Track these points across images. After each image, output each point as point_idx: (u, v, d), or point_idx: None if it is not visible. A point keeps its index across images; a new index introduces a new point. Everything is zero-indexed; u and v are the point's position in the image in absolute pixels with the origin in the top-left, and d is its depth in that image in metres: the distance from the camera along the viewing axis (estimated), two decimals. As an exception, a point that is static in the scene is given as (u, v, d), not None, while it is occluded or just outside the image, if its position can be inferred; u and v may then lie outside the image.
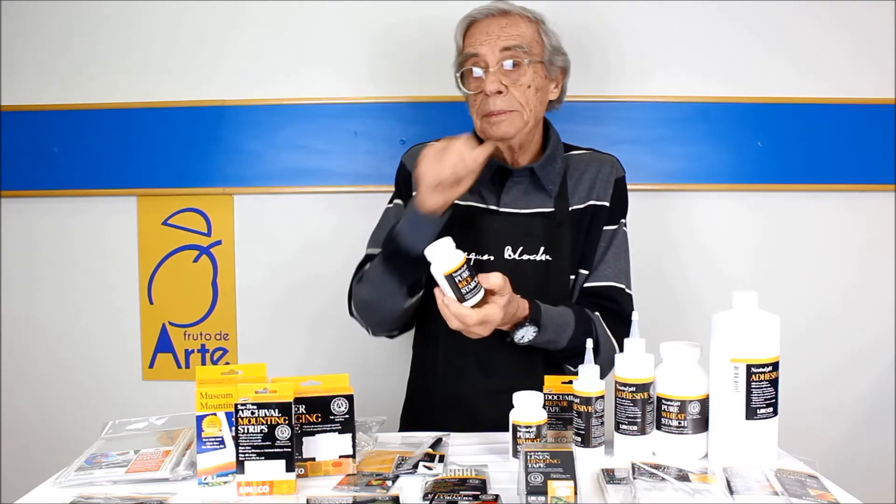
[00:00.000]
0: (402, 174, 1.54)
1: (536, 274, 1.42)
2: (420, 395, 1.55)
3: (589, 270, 1.50)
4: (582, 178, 1.50)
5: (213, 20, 1.94)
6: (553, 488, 0.96)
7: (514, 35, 1.40)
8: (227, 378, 1.13)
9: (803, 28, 1.91)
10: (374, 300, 1.44)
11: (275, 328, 1.99)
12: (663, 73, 1.92)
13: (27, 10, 1.95)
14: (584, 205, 1.49)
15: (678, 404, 1.16)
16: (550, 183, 1.47)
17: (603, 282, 1.49)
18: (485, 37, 1.41)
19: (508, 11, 1.43)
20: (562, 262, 1.46)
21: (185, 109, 1.94)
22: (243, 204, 1.98)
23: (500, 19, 1.41)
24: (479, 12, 1.43)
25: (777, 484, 1.05)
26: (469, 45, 1.42)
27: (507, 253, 1.44)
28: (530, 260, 1.44)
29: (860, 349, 1.97)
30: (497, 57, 1.39)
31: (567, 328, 1.38)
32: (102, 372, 2.01)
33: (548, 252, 1.45)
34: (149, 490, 1.08)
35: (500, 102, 1.40)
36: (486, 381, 1.43)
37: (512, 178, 1.48)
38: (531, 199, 1.47)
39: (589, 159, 1.53)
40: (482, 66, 1.41)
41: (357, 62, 1.94)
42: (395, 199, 1.54)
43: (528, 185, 1.48)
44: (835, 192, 1.94)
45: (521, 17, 1.43)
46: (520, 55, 1.40)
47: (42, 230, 2.00)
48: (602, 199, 1.50)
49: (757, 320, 1.13)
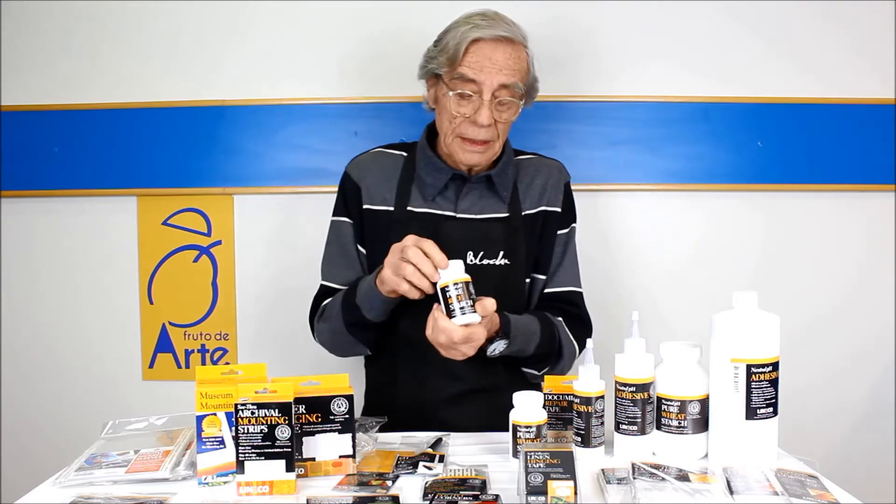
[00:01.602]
0: (347, 185, 1.52)
1: (496, 278, 1.43)
2: (379, 403, 1.54)
3: (545, 275, 1.52)
4: (532, 184, 1.52)
5: (214, 20, 1.94)
6: (553, 488, 0.96)
7: (514, 70, 1.38)
8: (227, 378, 1.13)
9: (803, 28, 1.91)
10: (335, 347, 1.52)
11: (275, 328, 1.99)
12: (663, 72, 1.92)
13: (27, 10, 1.95)
14: (535, 210, 1.51)
15: (678, 404, 1.16)
16: (504, 189, 1.49)
17: (562, 287, 1.53)
18: (487, 63, 1.37)
19: (513, 40, 1.39)
20: (519, 265, 1.48)
21: (185, 109, 1.94)
22: (243, 204, 1.98)
23: (506, 47, 1.38)
24: (486, 33, 1.37)
25: (777, 484, 1.05)
26: (468, 65, 1.37)
27: (468, 258, 1.44)
28: (490, 264, 1.45)
29: (860, 349, 1.97)
30: (493, 89, 1.37)
31: (534, 336, 1.40)
32: (102, 372, 2.01)
33: (506, 256, 1.46)
34: (149, 490, 1.08)
35: (485, 133, 1.40)
36: (449, 386, 1.44)
37: (468, 183, 1.48)
38: (486, 205, 1.48)
39: (537, 164, 1.55)
40: (474, 91, 1.38)
41: (357, 62, 1.94)
42: (342, 214, 1.52)
43: (483, 191, 1.49)
44: (835, 192, 1.94)
45: (521, 48, 1.41)
46: (515, 96, 1.39)
47: (42, 230, 2.00)
48: (553, 204, 1.52)
49: (757, 320, 1.13)
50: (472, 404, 1.44)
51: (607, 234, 1.95)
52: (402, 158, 1.52)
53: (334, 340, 1.50)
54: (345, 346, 1.50)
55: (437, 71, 1.43)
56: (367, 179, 1.50)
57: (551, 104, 1.88)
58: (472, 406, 1.44)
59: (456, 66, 1.38)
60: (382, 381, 1.54)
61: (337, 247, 1.53)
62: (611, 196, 1.94)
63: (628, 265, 1.95)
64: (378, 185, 1.50)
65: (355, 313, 1.39)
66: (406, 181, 1.49)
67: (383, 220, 1.48)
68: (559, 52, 1.90)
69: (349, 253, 1.52)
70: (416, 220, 1.45)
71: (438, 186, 1.47)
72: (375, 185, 1.50)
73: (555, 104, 1.89)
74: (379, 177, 1.50)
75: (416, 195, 1.48)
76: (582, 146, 1.55)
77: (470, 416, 1.40)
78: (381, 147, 1.57)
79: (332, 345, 1.53)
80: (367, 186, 1.50)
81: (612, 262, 1.96)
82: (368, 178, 1.51)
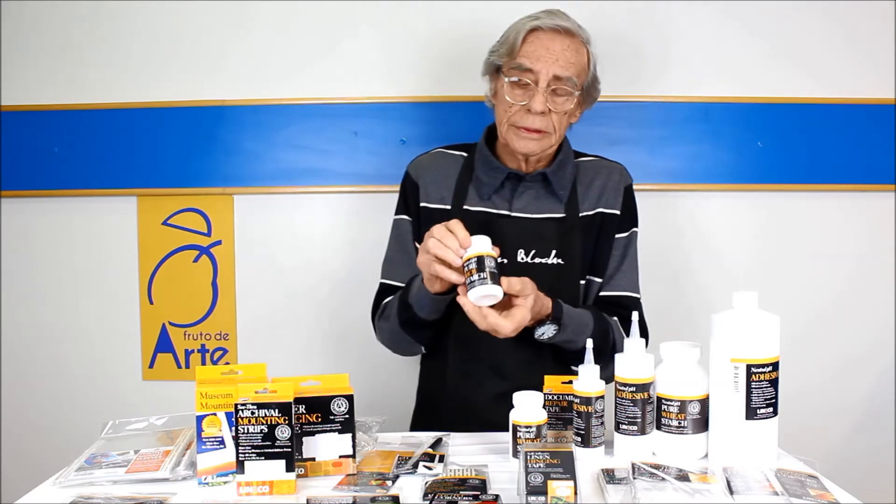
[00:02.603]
0: (407, 184, 1.55)
1: (548, 277, 1.42)
2: (430, 402, 1.56)
3: (601, 278, 1.51)
4: (591, 185, 1.51)
5: (214, 20, 1.94)
6: (553, 488, 0.96)
7: (571, 63, 1.39)
8: (227, 378, 1.13)
9: (803, 28, 1.91)
10: (394, 346, 1.53)
11: (275, 328, 1.99)
12: (663, 72, 1.92)
13: (27, 10, 1.95)
14: (592, 212, 1.50)
15: (678, 404, 1.16)
16: (562, 188, 1.48)
17: (619, 291, 1.51)
18: (545, 52, 1.39)
19: (573, 32, 1.41)
20: (573, 266, 1.47)
21: (185, 109, 1.94)
22: (243, 204, 1.98)
23: (565, 39, 1.40)
24: (545, 23, 1.40)
25: (777, 484, 1.05)
26: (525, 54, 1.40)
27: (519, 256, 1.44)
28: (542, 263, 1.45)
29: (860, 349, 1.97)
30: (548, 79, 1.38)
31: (586, 329, 1.38)
32: (102, 372, 2.01)
33: (559, 256, 1.45)
34: (149, 490, 1.08)
35: (539, 122, 1.40)
36: (497, 384, 1.43)
37: (523, 182, 1.48)
38: (542, 205, 1.48)
39: (597, 166, 1.54)
40: (532, 80, 1.39)
41: (357, 62, 1.93)
42: (402, 212, 1.55)
43: (540, 190, 1.49)
44: (835, 192, 1.94)
45: (580, 42, 1.42)
46: (571, 88, 1.40)
47: (42, 230, 2.00)
48: (611, 207, 1.51)
49: (757, 320, 1.13)
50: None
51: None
52: (461, 158, 1.54)
53: (393, 339, 1.51)
54: (403, 344, 1.50)
55: (497, 62, 1.45)
56: (426, 178, 1.52)
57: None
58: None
59: (514, 56, 1.41)
60: (433, 379, 1.54)
61: (396, 244, 1.55)
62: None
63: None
64: (436, 183, 1.51)
65: (409, 311, 1.39)
66: (464, 180, 1.50)
67: (439, 219, 1.46)
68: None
69: (409, 251, 1.53)
70: (470, 218, 1.44)
71: (494, 185, 1.47)
72: (433, 184, 1.51)
73: (555, 104, 1.89)
74: (437, 175, 1.52)
75: (473, 194, 1.49)
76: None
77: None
78: (443, 147, 1.58)
79: (392, 343, 1.53)
80: (426, 185, 1.52)
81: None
82: (427, 176, 1.52)
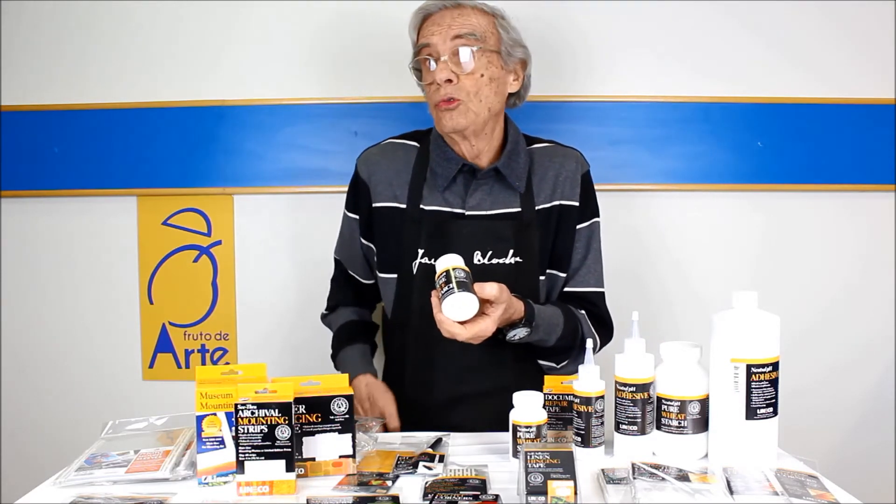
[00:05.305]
0: (357, 182, 1.53)
1: (506, 277, 1.38)
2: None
3: (565, 272, 1.50)
4: (546, 175, 1.48)
5: (213, 20, 1.93)
6: (553, 488, 0.96)
7: (465, 24, 1.39)
8: (227, 378, 1.13)
9: (803, 28, 1.91)
10: None
11: (275, 328, 1.99)
12: (663, 72, 1.91)
13: (27, 10, 1.95)
14: (549, 204, 1.47)
15: (678, 404, 1.16)
16: (517, 179, 1.45)
17: (585, 288, 1.51)
18: (436, 27, 1.40)
19: (461, 4, 1.42)
20: (531, 263, 1.45)
21: (185, 109, 1.93)
22: (243, 204, 1.98)
23: (453, 10, 1.41)
24: (432, 5, 1.42)
25: (777, 484, 1.05)
26: (422, 36, 1.42)
27: (476, 258, 1.43)
28: (500, 264, 1.43)
29: (860, 349, 1.97)
30: (448, 46, 1.38)
31: (557, 328, 1.39)
32: (102, 372, 2.01)
33: (517, 254, 1.44)
34: (149, 490, 1.08)
35: (450, 90, 1.38)
36: (456, 388, 1.44)
37: (476, 179, 1.46)
38: (497, 200, 1.45)
39: (552, 153, 1.51)
40: (434, 56, 1.39)
41: (357, 62, 1.93)
42: (351, 210, 1.56)
43: (494, 185, 1.46)
44: (835, 192, 1.94)
45: (474, 10, 1.42)
46: (471, 42, 1.38)
47: (42, 230, 2.00)
48: (569, 198, 1.48)
49: (757, 320, 1.13)
50: (478, 407, 1.43)
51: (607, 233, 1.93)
52: (414, 149, 1.51)
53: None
54: None
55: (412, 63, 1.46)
56: (377, 176, 1.50)
57: (551, 104, 1.88)
58: (478, 408, 1.43)
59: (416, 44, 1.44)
60: (392, 379, 1.53)
61: (345, 234, 1.60)
62: (611, 196, 1.93)
63: (628, 265, 1.94)
64: (387, 181, 1.49)
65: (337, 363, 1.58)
66: (418, 174, 1.48)
67: (396, 218, 1.47)
68: (559, 52, 1.90)
69: (354, 247, 1.56)
70: (426, 219, 1.44)
71: (448, 177, 1.44)
72: (384, 182, 1.49)
73: (555, 104, 1.89)
74: (389, 172, 1.49)
75: (427, 191, 1.46)
76: (582, 146, 1.55)
77: (473, 418, 1.39)
78: (393, 138, 1.55)
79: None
80: (377, 184, 1.49)
81: (613, 262, 1.95)
82: (378, 174, 1.50)
